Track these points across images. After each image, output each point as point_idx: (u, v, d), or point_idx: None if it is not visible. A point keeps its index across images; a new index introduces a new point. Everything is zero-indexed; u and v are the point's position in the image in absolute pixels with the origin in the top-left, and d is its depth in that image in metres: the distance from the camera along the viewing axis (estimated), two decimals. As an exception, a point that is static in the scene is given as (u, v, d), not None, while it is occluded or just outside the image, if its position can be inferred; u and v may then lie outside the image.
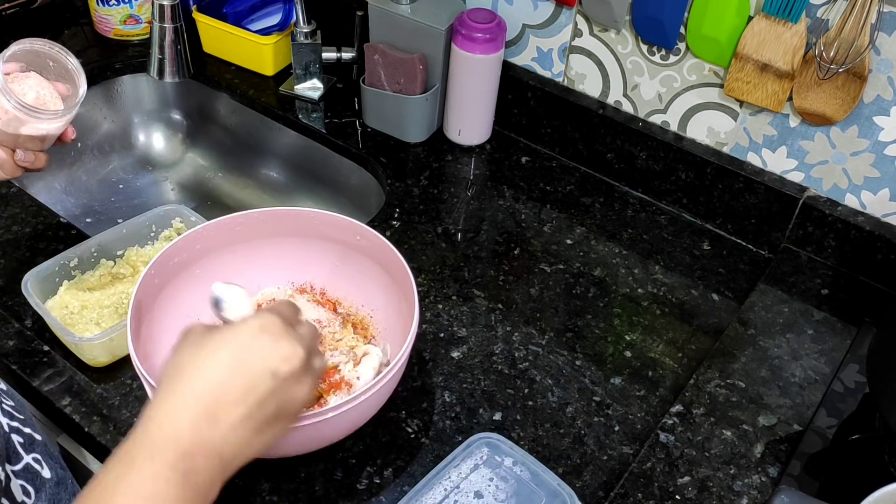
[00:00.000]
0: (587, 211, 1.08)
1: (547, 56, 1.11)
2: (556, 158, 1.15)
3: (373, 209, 1.10)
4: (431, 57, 1.10)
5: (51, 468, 0.64)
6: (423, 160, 1.14)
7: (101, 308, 0.88)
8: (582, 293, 0.96)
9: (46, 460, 0.64)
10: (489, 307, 0.93)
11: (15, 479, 0.58)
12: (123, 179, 1.30)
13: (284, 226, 0.87)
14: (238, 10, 1.27)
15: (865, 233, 0.96)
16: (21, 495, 0.58)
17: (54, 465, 0.65)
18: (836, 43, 0.86)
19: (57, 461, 0.66)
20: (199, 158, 1.34)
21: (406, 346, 0.73)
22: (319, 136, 1.18)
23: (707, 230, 1.07)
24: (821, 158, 0.97)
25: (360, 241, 0.85)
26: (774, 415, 0.83)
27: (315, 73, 1.22)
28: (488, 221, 1.05)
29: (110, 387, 0.82)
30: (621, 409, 0.84)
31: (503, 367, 0.87)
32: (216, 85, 1.26)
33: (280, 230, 0.87)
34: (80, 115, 1.24)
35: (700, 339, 0.92)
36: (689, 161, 1.04)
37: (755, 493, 0.76)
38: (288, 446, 0.72)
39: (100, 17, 1.27)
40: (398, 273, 0.81)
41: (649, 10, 0.98)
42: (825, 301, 0.96)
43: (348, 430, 0.76)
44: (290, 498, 0.74)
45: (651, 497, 0.75)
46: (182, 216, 0.96)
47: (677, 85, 1.02)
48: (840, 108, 0.91)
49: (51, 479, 0.64)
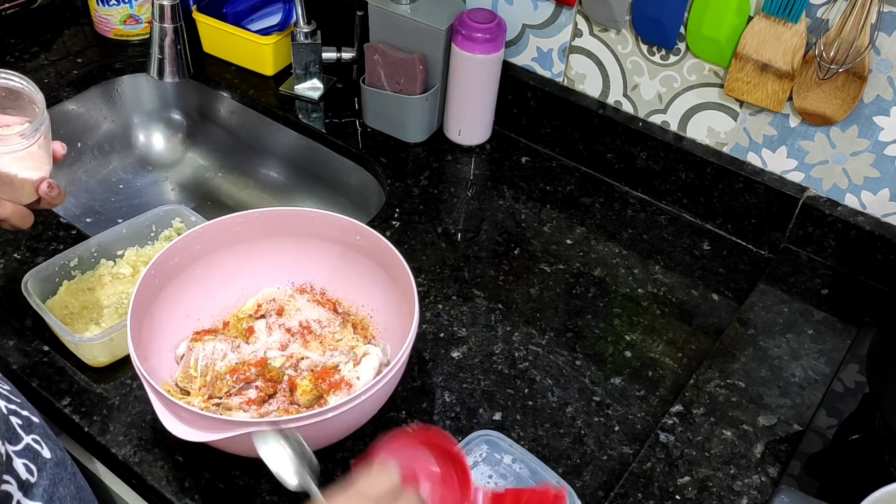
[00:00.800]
0: (587, 211, 1.08)
1: (547, 56, 1.11)
2: (556, 158, 1.15)
3: (373, 209, 1.10)
4: (431, 57, 1.10)
5: (50, 449, 0.65)
6: (423, 160, 1.14)
7: (100, 308, 0.88)
8: (582, 293, 0.96)
9: (46, 441, 0.65)
10: (489, 307, 0.93)
11: (17, 458, 0.59)
12: (123, 179, 1.30)
13: (284, 226, 0.87)
14: (238, 10, 1.27)
15: (865, 233, 0.96)
16: (25, 473, 0.59)
17: (53, 446, 0.66)
18: (836, 43, 0.86)
19: (55, 443, 0.67)
20: (199, 158, 1.34)
21: (406, 347, 0.73)
22: (319, 136, 1.19)
23: (707, 230, 1.07)
24: (821, 158, 0.97)
25: (360, 241, 0.85)
26: (774, 415, 0.83)
27: (315, 73, 1.22)
28: (488, 221, 1.05)
29: (110, 387, 0.82)
30: (621, 409, 0.84)
31: (503, 367, 0.87)
32: (216, 85, 1.26)
33: (280, 230, 0.87)
34: (81, 114, 1.24)
35: (700, 339, 0.92)
36: (689, 161, 1.04)
37: (755, 493, 0.76)
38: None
39: (100, 17, 1.27)
40: (398, 273, 0.81)
41: (649, 10, 0.98)
42: (825, 301, 0.96)
43: (348, 431, 0.76)
44: (290, 498, 0.74)
45: (651, 497, 0.75)
46: (182, 216, 0.96)
47: (677, 85, 1.02)
48: (840, 108, 0.91)
49: (51, 459, 0.65)
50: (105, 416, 0.79)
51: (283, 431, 0.64)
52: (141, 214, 0.94)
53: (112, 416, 0.79)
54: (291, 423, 0.67)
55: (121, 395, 0.81)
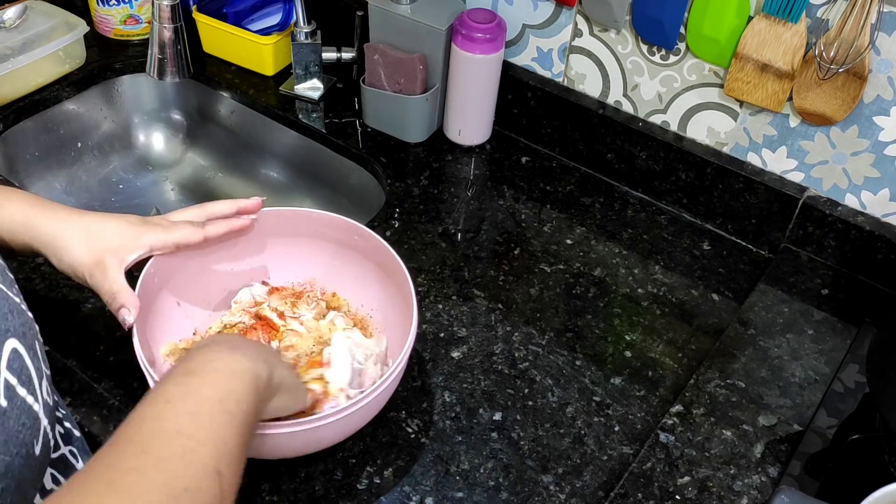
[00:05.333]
0: (587, 211, 1.08)
1: (547, 56, 1.11)
2: (556, 158, 1.15)
3: (373, 209, 1.10)
4: (431, 57, 1.10)
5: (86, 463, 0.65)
6: (423, 160, 1.14)
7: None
8: (582, 293, 0.96)
9: (83, 456, 0.65)
10: (489, 307, 0.93)
11: (50, 468, 0.59)
12: (123, 179, 1.30)
13: (283, 226, 0.87)
14: (238, 10, 1.27)
15: (865, 233, 0.96)
16: (50, 483, 0.59)
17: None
18: (836, 43, 0.86)
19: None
20: (199, 158, 1.34)
21: (406, 349, 0.73)
22: (319, 136, 1.18)
23: (707, 230, 1.07)
24: (821, 158, 0.97)
25: (359, 242, 0.85)
26: (774, 415, 0.83)
27: (315, 73, 1.22)
28: (488, 221, 1.05)
29: (110, 386, 0.82)
30: (621, 409, 0.84)
31: (503, 367, 0.87)
32: (216, 85, 1.26)
33: (279, 230, 0.87)
34: (81, 114, 1.24)
35: (700, 339, 0.93)
36: (689, 161, 1.04)
37: (755, 493, 0.76)
38: (286, 448, 0.72)
39: (100, 17, 1.27)
40: (396, 275, 0.81)
41: (649, 10, 0.98)
42: (825, 301, 0.96)
43: (347, 434, 0.76)
44: (290, 498, 0.74)
45: (651, 497, 0.75)
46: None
47: (677, 85, 1.02)
48: (840, 108, 0.91)
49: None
50: (105, 416, 0.79)
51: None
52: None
53: (112, 417, 0.79)
54: (288, 427, 0.66)
55: (121, 394, 0.81)
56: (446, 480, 0.77)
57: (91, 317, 0.89)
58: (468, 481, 0.77)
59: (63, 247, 0.72)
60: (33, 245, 0.72)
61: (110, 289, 0.71)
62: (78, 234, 0.72)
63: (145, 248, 0.75)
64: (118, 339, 0.86)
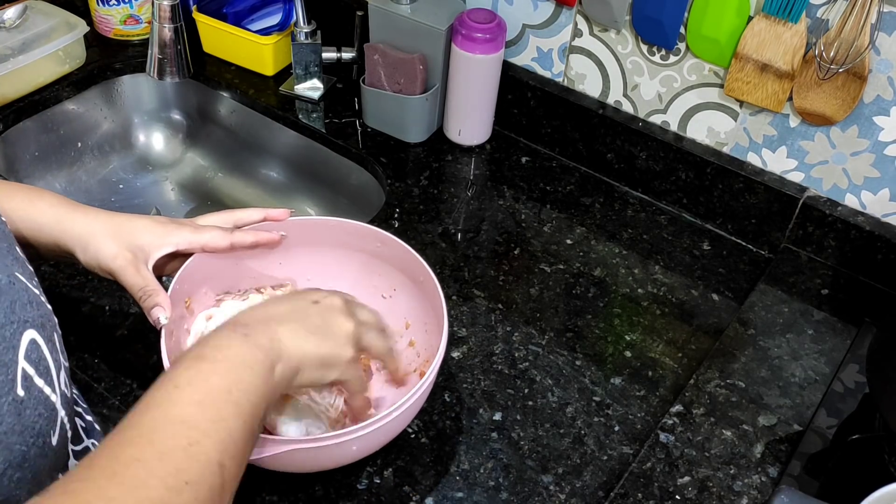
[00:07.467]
0: (587, 211, 1.08)
1: (547, 56, 1.11)
2: (556, 158, 1.15)
3: (373, 209, 1.10)
4: (431, 57, 1.10)
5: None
6: (423, 160, 1.14)
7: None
8: (582, 293, 0.96)
9: None
10: (489, 307, 0.93)
11: (73, 458, 0.59)
12: (123, 179, 1.30)
13: (305, 235, 0.84)
14: (238, 10, 1.27)
15: (865, 233, 0.96)
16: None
17: None
18: (836, 43, 0.86)
19: None
20: (199, 158, 1.34)
21: (434, 365, 0.72)
22: (319, 136, 1.19)
23: (707, 230, 1.07)
24: (821, 158, 0.97)
25: (381, 249, 0.83)
26: (774, 415, 0.83)
27: (315, 73, 1.22)
28: (488, 221, 1.05)
29: (110, 386, 0.82)
30: (621, 409, 0.84)
31: (503, 367, 0.87)
32: (216, 85, 1.26)
33: (302, 240, 0.84)
34: (81, 114, 1.24)
35: (700, 339, 0.93)
36: (689, 161, 1.04)
37: (755, 493, 0.76)
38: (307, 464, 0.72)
39: (100, 17, 1.27)
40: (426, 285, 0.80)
41: (649, 10, 0.98)
42: (825, 301, 0.96)
43: (368, 452, 0.74)
44: (289, 498, 0.74)
45: (651, 497, 0.75)
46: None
47: (677, 85, 1.02)
48: (840, 108, 0.91)
49: None
50: (105, 416, 0.79)
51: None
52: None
53: (112, 417, 0.79)
54: (312, 443, 0.66)
55: (121, 395, 0.81)
56: (446, 480, 0.77)
57: (91, 317, 0.89)
58: (468, 481, 0.77)
59: (93, 242, 0.72)
60: (62, 240, 0.72)
61: (143, 285, 0.72)
62: (109, 230, 0.73)
63: (172, 246, 0.75)
64: (118, 339, 0.86)
